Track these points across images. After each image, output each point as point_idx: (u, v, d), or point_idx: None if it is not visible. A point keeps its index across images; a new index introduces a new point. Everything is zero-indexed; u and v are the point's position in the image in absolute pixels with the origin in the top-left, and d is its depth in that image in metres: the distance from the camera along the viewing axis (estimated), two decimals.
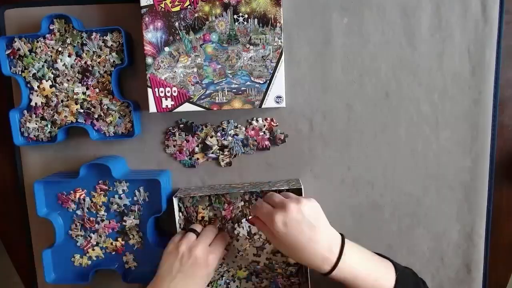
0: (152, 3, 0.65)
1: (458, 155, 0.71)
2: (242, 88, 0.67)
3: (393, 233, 0.73)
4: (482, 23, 0.68)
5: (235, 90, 0.67)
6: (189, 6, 0.65)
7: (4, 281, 1.60)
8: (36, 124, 0.71)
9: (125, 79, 0.72)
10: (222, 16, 0.65)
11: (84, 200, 0.72)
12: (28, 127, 0.71)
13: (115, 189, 0.72)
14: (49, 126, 0.71)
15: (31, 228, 0.77)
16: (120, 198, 0.72)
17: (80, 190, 0.72)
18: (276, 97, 0.66)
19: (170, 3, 0.65)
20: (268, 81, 0.66)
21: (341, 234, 0.59)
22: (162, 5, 0.65)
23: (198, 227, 0.69)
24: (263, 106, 0.67)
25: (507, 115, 0.72)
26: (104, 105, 0.70)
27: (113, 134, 0.72)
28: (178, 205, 0.72)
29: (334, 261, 0.55)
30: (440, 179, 0.72)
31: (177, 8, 0.65)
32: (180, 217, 0.72)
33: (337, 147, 0.72)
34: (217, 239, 0.67)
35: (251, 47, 0.66)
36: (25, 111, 0.71)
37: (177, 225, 0.70)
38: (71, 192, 0.72)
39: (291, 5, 0.69)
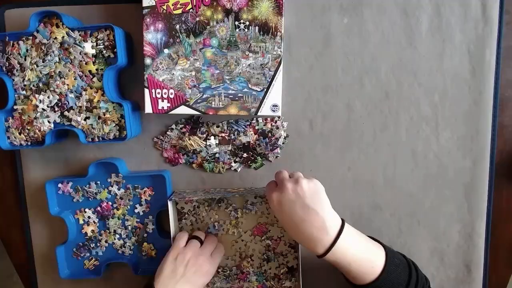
0: (154, 4, 0.65)
1: (458, 155, 0.71)
2: (239, 95, 0.67)
3: (393, 233, 0.74)
4: (482, 23, 0.68)
5: (231, 96, 0.67)
6: (191, 10, 0.65)
7: (4, 281, 1.60)
8: (22, 128, 0.69)
9: (126, 80, 0.72)
10: (224, 22, 0.65)
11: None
12: (13, 132, 0.70)
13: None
14: (37, 129, 0.69)
15: (31, 228, 0.77)
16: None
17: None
18: (272, 106, 0.67)
19: (172, 5, 0.65)
20: (265, 89, 0.67)
21: (342, 219, 0.59)
22: (164, 7, 0.65)
23: (201, 235, 0.71)
24: (259, 113, 0.67)
25: (507, 115, 0.72)
26: (98, 105, 0.68)
27: (106, 138, 0.69)
28: (177, 208, 0.73)
29: (329, 244, 0.56)
30: (440, 179, 0.72)
31: (179, 11, 0.65)
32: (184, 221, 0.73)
33: (337, 147, 0.72)
34: (216, 250, 0.69)
35: (251, 54, 0.66)
36: (11, 115, 0.69)
37: (172, 227, 0.71)
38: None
39: (291, 5, 0.69)
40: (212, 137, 0.72)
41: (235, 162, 0.73)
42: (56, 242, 0.75)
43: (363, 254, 0.58)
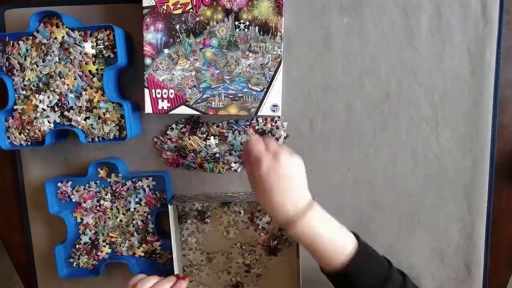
0: (154, 4, 0.65)
1: (458, 155, 0.71)
2: (239, 95, 0.67)
3: (393, 233, 0.74)
4: (482, 23, 0.68)
5: (231, 96, 0.67)
6: (191, 10, 0.65)
7: (4, 281, 1.60)
8: (22, 128, 0.70)
9: (126, 80, 0.72)
10: (224, 22, 0.65)
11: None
12: (13, 132, 0.70)
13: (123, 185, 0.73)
14: (37, 129, 0.69)
15: (31, 228, 0.77)
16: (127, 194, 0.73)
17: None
18: (272, 106, 0.67)
19: (172, 5, 0.65)
20: (265, 89, 0.67)
21: (314, 199, 0.57)
22: (164, 7, 0.65)
23: (154, 278, 0.64)
24: (259, 113, 0.67)
25: (507, 115, 0.72)
26: (98, 105, 0.68)
27: (106, 138, 0.69)
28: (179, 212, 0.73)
29: (298, 217, 0.54)
30: (440, 179, 0.72)
31: (179, 11, 0.65)
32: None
33: (337, 147, 0.72)
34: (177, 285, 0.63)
35: (251, 54, 0.66)
36: (11, 115, 0.69)
37: (172, 231, 0.70)
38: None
39: (291, 5, 0.69)
40: (212, 137, 0.72)
41: (235, 162, 0.73)
42: (56, 242, 0.75)
43: (330, 234, 0.56)
